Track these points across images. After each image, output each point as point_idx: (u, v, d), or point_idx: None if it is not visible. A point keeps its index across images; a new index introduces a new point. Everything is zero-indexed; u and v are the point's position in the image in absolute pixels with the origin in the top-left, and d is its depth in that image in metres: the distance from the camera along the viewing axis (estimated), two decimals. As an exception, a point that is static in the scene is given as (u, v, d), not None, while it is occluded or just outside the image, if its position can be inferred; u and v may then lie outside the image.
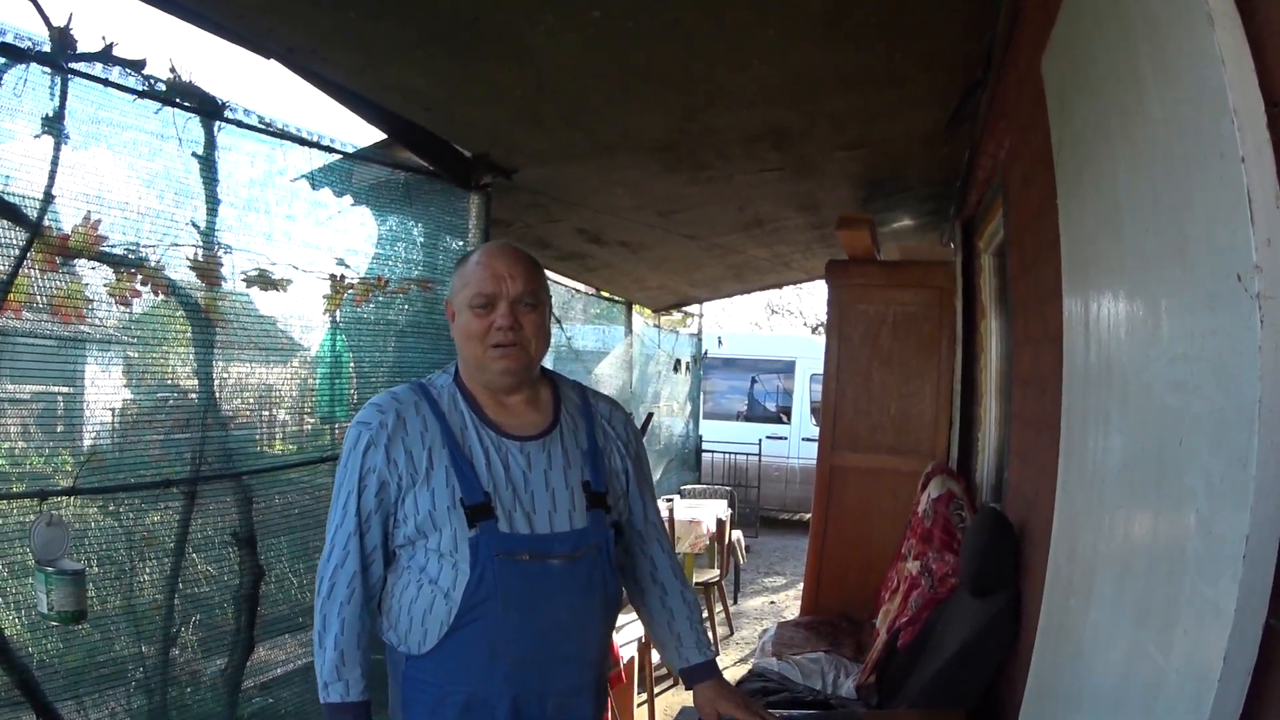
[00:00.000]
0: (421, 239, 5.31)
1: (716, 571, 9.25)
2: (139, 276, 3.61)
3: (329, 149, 4.46)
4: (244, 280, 4.08)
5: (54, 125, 3.17)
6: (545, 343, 2.74)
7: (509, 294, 2.63)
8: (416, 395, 2.69)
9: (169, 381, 4.01)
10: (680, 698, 7.42)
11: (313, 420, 4.85)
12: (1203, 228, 1.59)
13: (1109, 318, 2.24)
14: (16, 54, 3.04)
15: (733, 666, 8.26)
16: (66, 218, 3.31)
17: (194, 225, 3.79)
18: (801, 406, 16.30)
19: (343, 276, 4.65)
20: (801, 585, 8.19)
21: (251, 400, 4.40)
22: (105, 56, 3.31)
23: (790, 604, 10.47)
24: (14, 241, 3.13)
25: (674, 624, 2.95)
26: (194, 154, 3.76)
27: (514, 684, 2.58)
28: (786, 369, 16.78)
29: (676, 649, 2.95)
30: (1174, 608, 1.66)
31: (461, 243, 5.31)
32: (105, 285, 3.51)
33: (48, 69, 3.14)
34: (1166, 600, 1.71)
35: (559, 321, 8.92)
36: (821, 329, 17.74)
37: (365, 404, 2.71)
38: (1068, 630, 2.52)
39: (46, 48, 3.13)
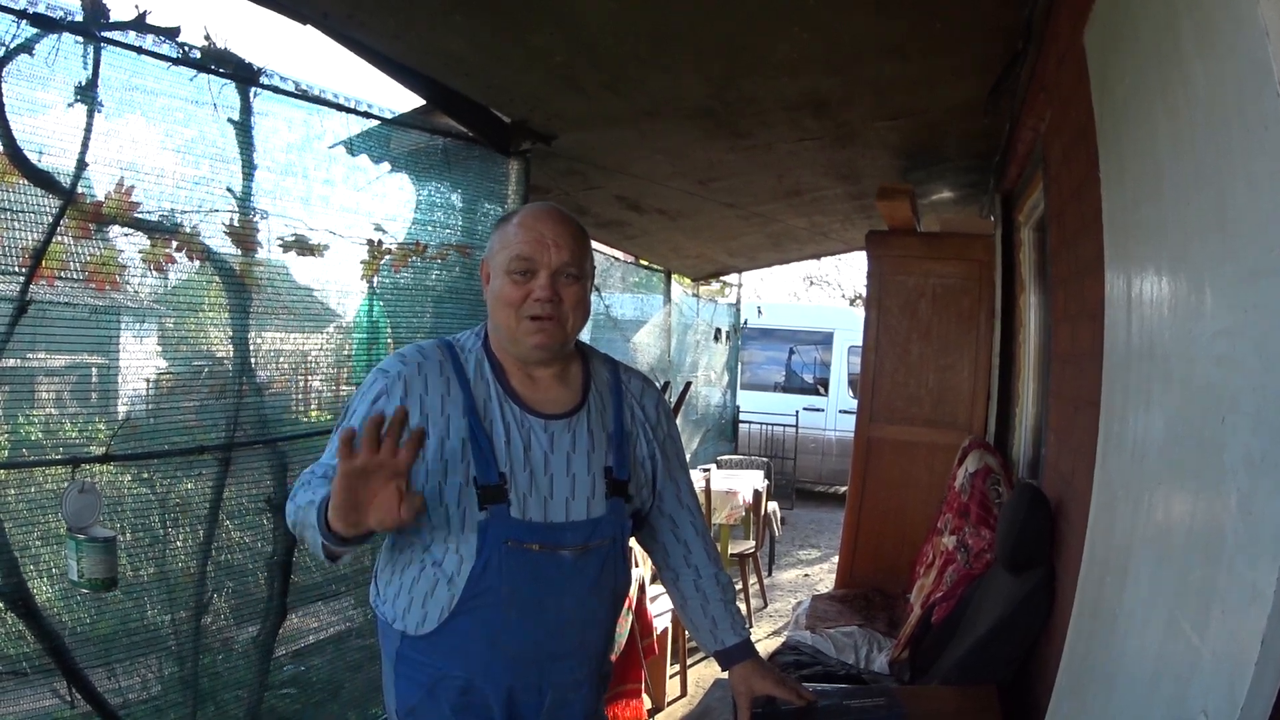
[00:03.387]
0: (460, 205, 5.31)
1: (752, 543, 9.25)
2: (174, 243, 3.62)
3: (367, 114, 4.45)
4: (280, 246, 4.08)
5: (87, 94, 3.18)
6: (584, 317, 2.58)
7: (551, 263, 2.46)
8: (443, 355, 2.54)
9: (204, 349, 4.03)
10: (713, 670, 7.42)
11: (349, 387, 4.86)
12: (1245, 201, 1.57)
13: (1151, 292, 2.21)
14: (49, 24, 3.04)
15: (766, 639, 8.26)
16: (100, 185, 3.32)
17: (230, 191, 3.80)
18: (839, 378, 16.26)
19: (380, 242, 4.65)
20: (836, 558, 8.20)
21: (287, 367, 4.40)
22: (139, 24, 3.30)
23: (825, 577, 10.46)
24: (47, 209, 3.14)
25: (708, 607, 2.84)
26: (230, 120, 3.77)
27: (512, 675, 2.48)
28: (824, 340, 16.72)
29: (712, 632, 2.84)
30: (1211, 589, 1.64)
31: (500, 209, 5.31)
32: (140, 252, 3.52)
33: (80, 38, 3.15)
34: (1204, 581, 1.69)
35: (598, 290, 8.91)
36: (859, 301, 17.70)
37: (391, 354, 2.58)
38: (1103, 609, 2.50)
39: (79, 17, 3.13)
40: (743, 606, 8.68)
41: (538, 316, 2.46)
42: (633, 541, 2.78)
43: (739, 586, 8.78)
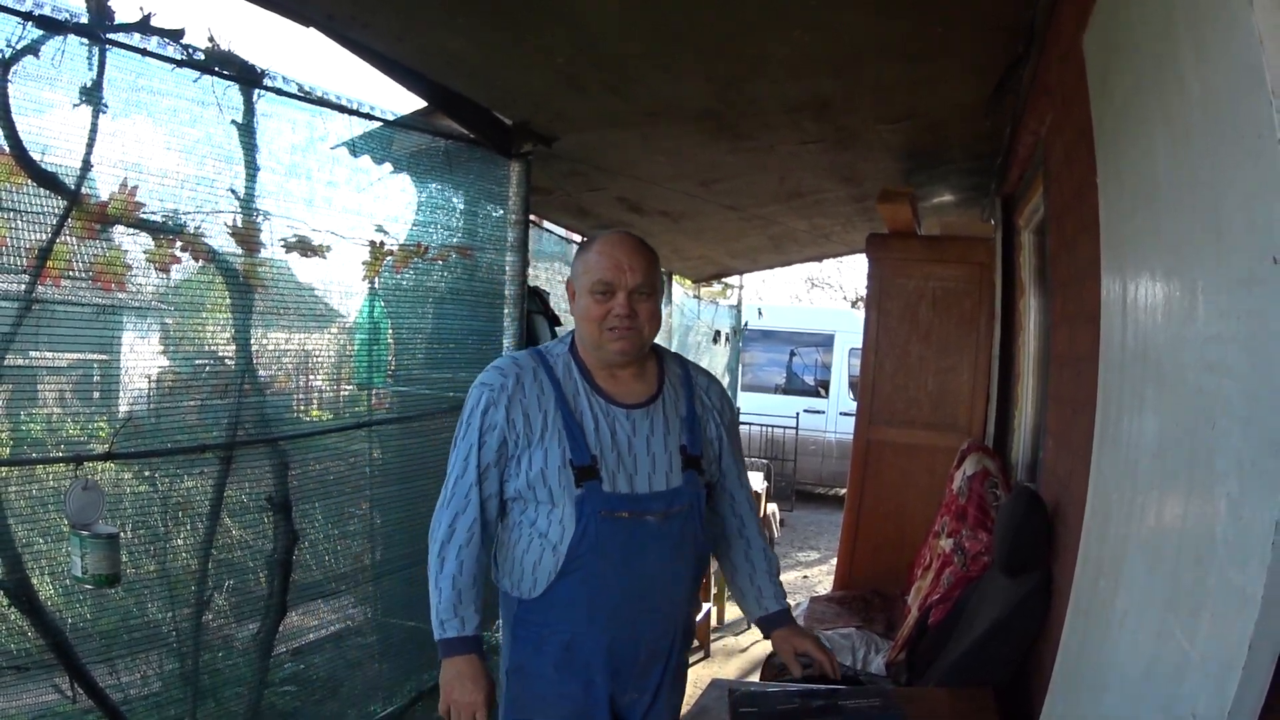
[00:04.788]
0: (462, 206, 5.33)
1: (751, 544, 9.23)
2: (178, 243, 3.63)
3: (369, 116, 4.46)
4: (283, 246, 4.09)
5: (92, 95, 3.20)
6: (657, 325, 2.98)
7: (627, 284, 2.87)
8: (535, 362, 2.97)
9: (207, 348, 4.04)
10: (710, 670, 7.44)
11: (350, 387, 4.88)
12: (1239, 208, 1.58)
13: (1146, 297, 2.22)
14: (54, 26, 3.06)
15: (763, 640, 8.26)
16: (105, 185, 3.34)
17: (233, 192, 3.81)
18: (840, 380, 16.22)
19: (382, 243, 4.67)
20: (835, 560, 8.19)
21: (289, 366, 4.42)
22: (143, 26, 3.32)
23: (823, 579, 10.46)
24: (52, 210, 3.16)
25: (755, 576, 3.24)
26: (233, 121, 3.78)
27: (610, 629, 2.89)
28: (825, 342, 16.70)
29: (757, 599, 3.25)
30: (1201, 592, 1.65)
31: (501, 210, 5.31)
32: (145, 252, 3.54)
33: (85, 40, 3.17)
34: (1194, 584, 1.70)
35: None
36: (861, 303, 17.71)
37: (487, 367, 3.01)
38: (1096, 611, 2.51)
39: (84, 19, 3.15)
40: (739, 609, 8.69)
41: (618, 329, 2.88)
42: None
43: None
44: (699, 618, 7.82)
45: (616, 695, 2.97)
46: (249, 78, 3.79)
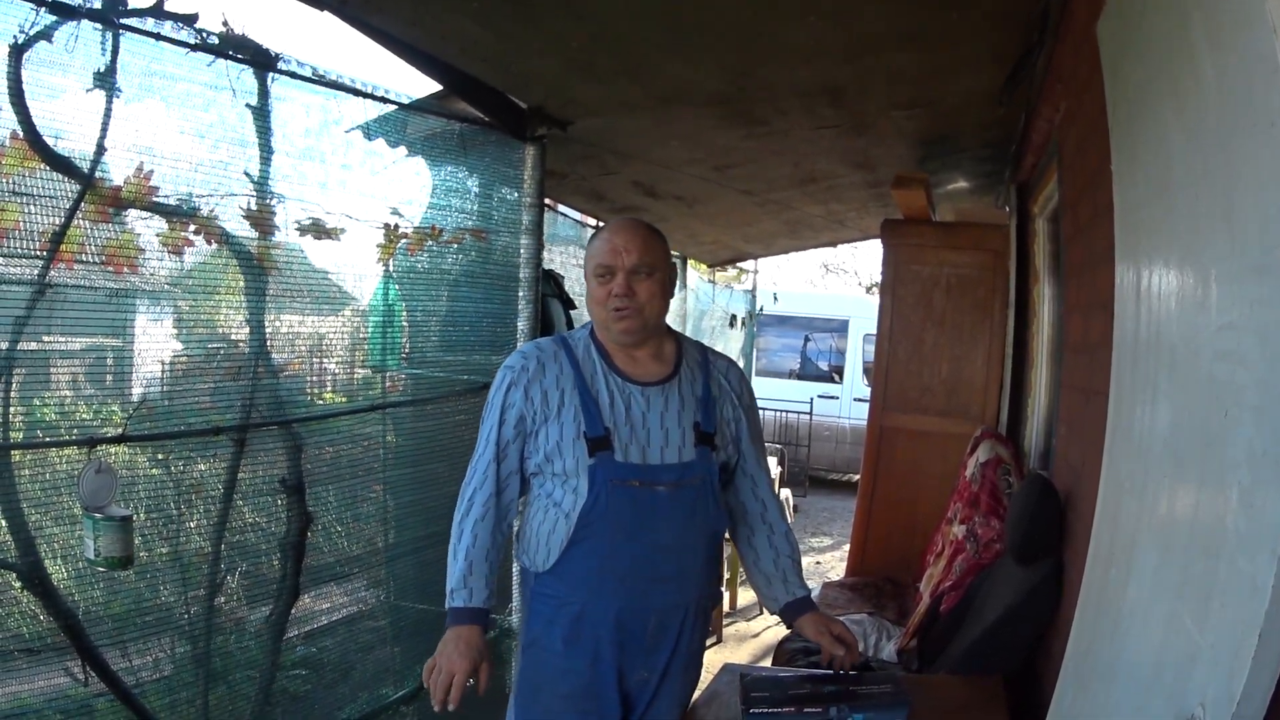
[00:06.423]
0: (476, 189, 5.32)
1: (764, 529, 9.22)
2: (192, 226, 3.64)
3: (383, 99, 4.45)
4: (297, 230, 4.09)
5: (106, 80, 3.20)
6: (662, 305, 3.11)
7: (625, 265, 3.00)
8: (557, 346, 3.13)
9: (220, 331, 4.05)
10: (721, 656, 7.45)
11: (364, 370, 4.88)
12: (1251, 196, 1.57)
13: (1159, 285, 2.22)
14: (67, 11, 3.06)
15: (775, 625, 8.27)
16: (119, 170, 3.34)
17: (247, 175, 3.81)
18: (854, 366, 16.22)
19: (397, 226, 4.67)
20: (848, 546, 8.19)
21: (303, 349, 4.43)
22: (157, 11, 3.33)
23: (836, 565, 10.47)
24: (66, 194, 3.17)
25: (779, 561, 3.30)
26: (247, 105, 3.77)
27: (619, 598, 2.99)
28: (840, 328, 16.70)
29: (783, 583, 3.30)
30: (1211, 581, 1.65)
31: (516, 193, 5.30)
32: (158, 236, 3.54)
33: (99, 25, 3.17)
34: (1205, 573, 1.70)
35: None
36: (876, 289, 17.67)
37: (513, 352, 3.27)
38: (1107, 600, 2.51)
39: (97, 4, 3.15)
40: (751, 594, 8.72)
41: (619, 309, 3.00)
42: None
43: (745, 576, 8.80)
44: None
45: (625, 673, 3.06)
46: (263, 62, 3.78)
